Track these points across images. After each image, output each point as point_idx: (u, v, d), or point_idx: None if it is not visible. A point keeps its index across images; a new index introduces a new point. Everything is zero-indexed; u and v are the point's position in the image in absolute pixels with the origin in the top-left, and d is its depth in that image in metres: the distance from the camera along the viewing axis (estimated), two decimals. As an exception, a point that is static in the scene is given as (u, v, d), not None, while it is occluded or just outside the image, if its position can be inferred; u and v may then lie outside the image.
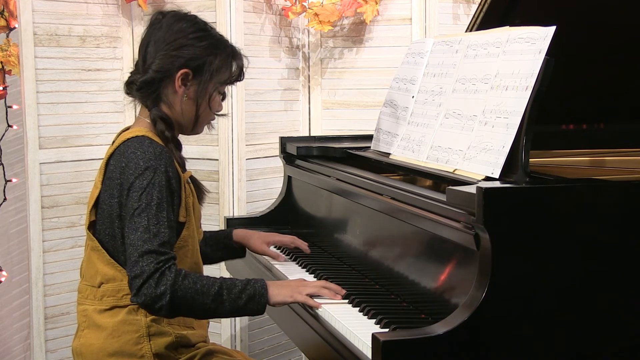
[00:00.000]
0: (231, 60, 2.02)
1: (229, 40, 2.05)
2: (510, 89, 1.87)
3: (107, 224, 1.92)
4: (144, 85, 1.96)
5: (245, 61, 2.06)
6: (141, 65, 1.99)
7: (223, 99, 2.07)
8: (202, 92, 1.98)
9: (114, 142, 1.99)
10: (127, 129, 2.02)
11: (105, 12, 3.21)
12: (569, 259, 1.61)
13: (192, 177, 2.04)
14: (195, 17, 2.02)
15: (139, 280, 1.78)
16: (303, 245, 2.36)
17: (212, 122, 2.09)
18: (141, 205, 1.83)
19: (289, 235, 2.41)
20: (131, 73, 2.02)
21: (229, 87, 2.13)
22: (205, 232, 2.27)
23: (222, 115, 2.14)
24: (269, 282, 1.91)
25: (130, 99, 2.04)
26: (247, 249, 2.38)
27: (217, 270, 3.03)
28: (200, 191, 2.07)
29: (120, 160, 1.90)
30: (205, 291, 1.82)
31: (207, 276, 1.87)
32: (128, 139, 1.92)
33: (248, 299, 1.86)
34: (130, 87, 2.00)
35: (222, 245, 2.34)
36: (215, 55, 1.98)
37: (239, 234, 2.36)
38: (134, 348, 1.90)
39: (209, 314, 1.89)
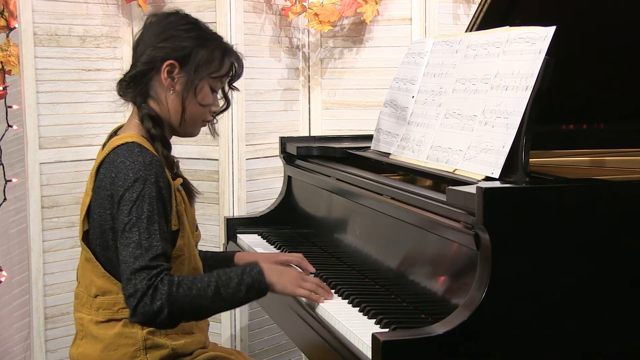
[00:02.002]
0: (221, 53, 1.95)
1: (224, 38, 2.01)
2: (510, 89, 1.87)
3: (99, 233, 1.89)
4: (132, 79, 1.92)
5: (241, 58, 2.00)
6: (133, 63, 1.96)
7: (214, 91, 1.98)
8: (188, 85, 1.91)
9: (104, 144, 1.95)
10: (119, 129, 1.99)
11: (105, 12, 3.22)
12: (568, 259, 1.61)
13: (183, 184, 1.98)
14: (187, 14, 1.98)
15: (134, 299, 1.75)
16: (309, 267, 2.13)
17: (214, 125, 2.04)
18: (132, 220, 1.78)
19: (295, 254, 2.18)
20: (124, 74, 1.98)
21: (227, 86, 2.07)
22: (206, 252, 2.20)
23: (221, 112, 2.06)
24: (264, 267, 1.87)
25: (124, 101, 1.99)
26: None
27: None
28: (191, 195, 2.01)
29: (110, 170, 1.85)
30: (202, 294, 1.79)
31: (202, 277, 1.82)
32: (118, 146, 1.87)
33: (247, 289, 1.83)
34: (121, 85, 1.96)
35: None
36: (202, 46, 1.92)
37: (241, 257, 2.20)
38: None
39: (211, 313, 1.89)
